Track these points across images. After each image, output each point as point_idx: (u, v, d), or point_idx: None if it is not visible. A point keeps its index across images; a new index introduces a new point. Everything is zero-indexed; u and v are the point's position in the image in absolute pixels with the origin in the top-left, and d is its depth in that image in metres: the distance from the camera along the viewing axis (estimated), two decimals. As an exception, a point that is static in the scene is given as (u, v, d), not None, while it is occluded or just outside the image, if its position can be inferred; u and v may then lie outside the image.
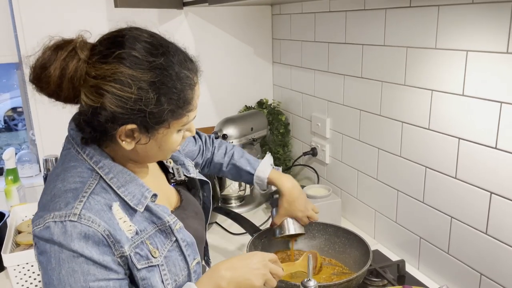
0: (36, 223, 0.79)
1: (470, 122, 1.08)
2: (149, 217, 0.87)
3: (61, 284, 0.76)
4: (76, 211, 0.77)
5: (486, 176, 1.06)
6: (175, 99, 0.80)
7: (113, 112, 0.76)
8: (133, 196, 0.85)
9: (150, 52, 0.79)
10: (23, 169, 1.96)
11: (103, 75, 0.76)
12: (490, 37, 1.00)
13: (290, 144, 2.05)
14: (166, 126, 0.82)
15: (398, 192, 1.38)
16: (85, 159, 0.84)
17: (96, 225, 0.78)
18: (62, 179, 0.82)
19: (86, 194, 0.80)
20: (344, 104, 1.59)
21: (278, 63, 2.09)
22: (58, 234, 0.76)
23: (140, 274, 0.83)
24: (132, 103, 0.76)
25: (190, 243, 0.92)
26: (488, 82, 1.02)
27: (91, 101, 0.77)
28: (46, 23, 1.69)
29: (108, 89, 0.75)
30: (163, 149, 0.87)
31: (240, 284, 0.89)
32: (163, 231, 0.88)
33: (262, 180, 1.27)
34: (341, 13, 1.53)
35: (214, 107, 2.09)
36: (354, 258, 1.28)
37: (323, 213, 1.53)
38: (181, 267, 0.89)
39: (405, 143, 1.31)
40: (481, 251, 1.11)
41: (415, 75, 1.24)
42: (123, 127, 0.79)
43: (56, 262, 0.76)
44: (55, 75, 0.77)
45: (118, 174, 0.85)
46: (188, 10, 1.94)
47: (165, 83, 0.78)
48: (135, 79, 0.76)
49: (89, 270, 0.77)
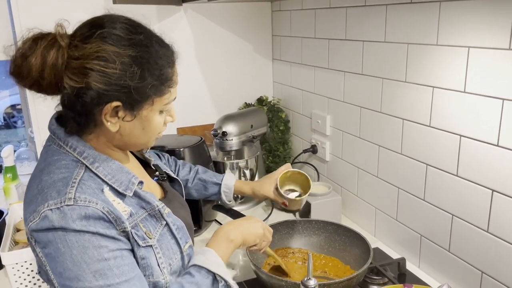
0: (30, 218, 0.78)
1: (472, 119, 1.07)
2: (138, 202, 0.88)
3: (76, 264, 0.75)
4: (71, 196, 0.77)
5: (488, 174, 1.05)
6: (156, 74, 0.82)
7: (98, 90, 0.77)
8: (120, 182, 0.85)
9: (130, 31, 0.81)
10: (22, 167, 1.96)
11: (86, 55, 0.77)
12: (492, 33, 0.99)
13: (290, 142, 2.04)
14: (150, 103, 0.83)
15: (398, 189, 1.37)
16: (69, 151, 0.84)
17: (94, 204, 0.78)
18: (47, 172, 0.82)
19: (75, 180, 0.80)
20: (345, 101, 1.58)
21: (278, 60, 2.07)
22: (58, 220, 0.75)
23: (140, 253, 0.84)
24: (116, 79, 0.77)
25: (180, 226, 0.94)
26: (490, 79, 1.01)
27: (75, 82, 0.77)
28: (44, 19, 1.68)
29: (92, 67, 0.76)
30: (147, 131, 0.87)
31: (244, 233, 1.02)
32: (153, 216, 0.89)
33: (229, 188, 1.35)
34: (342, 9, 1.52)
35: (214, 104, 2.08)
36: (355, 256, 1.28)
37: (324, 211, 1.52)
38: (174, 250, 0.91)
39: (406, 140, 1.31)
40: (482, 249, 1.10)
41: (416, 72, 1.23)
42: (109, 105, 0.79)
43: (65, 245, 0.75)
44: (37, 63, 0.77)
45: (103, 163, 0.85)
46: (187, 7, 1.93)
47: (146, 58, 0.81)
48: (118, 55, 0.78)
49: (100, 244, 0.77)
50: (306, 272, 0.93)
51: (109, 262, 0.76)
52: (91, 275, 0.75)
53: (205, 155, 1.57)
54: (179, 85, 0.99)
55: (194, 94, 2.02)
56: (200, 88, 2.04)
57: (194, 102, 2.03)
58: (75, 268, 0.75)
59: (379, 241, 1.49)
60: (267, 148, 2.03)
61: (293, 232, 1.38)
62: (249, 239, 1.04)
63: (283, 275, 1.25)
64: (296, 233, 1.38)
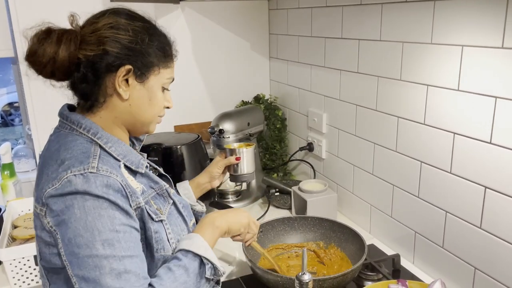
0: (49, 185, 0.81)
1: (465, 117, 1.09)
2: (148, 182, 0.95)
3: (89, 230, 0.78)
4: (94, 165, 0.82)
5: (481, 171, 1.07)
6: (161, 46, 0.92)
7: (112, 54, 0.85)
8: (131, 162, 0.92)
9: (135, 14, 0.93)
10: (20, 164, 1.96)
11: (100, 27, 0.86)
12: (485, 32, 1.00)
13: (286, 139, 2.05)
14: (156, 72, 0.92)
15: (393, 187, 1.38)
16: (82, 133, 0.89)
17: (114, 175, 0.83)
18: (64, 149, 0.86)
19: (96, 155, 0.85)
20: (341, 99, 1.59)
21: (275, 58, 2.08)
22: (82, 183, 0.79)
23: (153, 226, 0.89)
24: (128, 42, 0.87)
25: (186, 205, 1.04)
26: (483, 77, 1.03)
27: (91, 51, 0.85)
28: (42, 17, 1.68)
29: (107, 35, 0.85)
30: (152, 103, 0.93)
31: (229, 221, 1.04)
32: (161, 195, 0.97)
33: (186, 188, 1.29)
34: (338, 8, 1.53)
35: (211, 102, 2.08)
36: (350, 252, 1.29)
37: (320, 208, 1.54)
38: (181, 227, 0.99)
39: (401, 138, 1.32)
40: (475, 245, 1.11)
41: (411, 70, 1.24)
42: (122, 68, 0.86)
43: (81, 211, 0.78)
44: (52, 45, 0.84)
45: (115, 144, 0.90)
46: (185, 5, 1.94)
47: (153, 30, 0.92)
48: (128, 25, 0.88)
49: (115, 215, 0.80)
50: (300, 269, 0.94)
51: (119, 234, 0.80)
52: (100, 243, 0.78)
53: (202, 153, 1.58)
54: (176, 82, 1.02)
55: (191, 92, 2.03)
56: (197, 86, 2.04)
57: (191, 99, 2.04)
58: (86, 234, 0.78)
59: (374, 237, 1.51)
60: (264, 145, 2.04)
61: (289, 228, 1.39)
62: (234, 227, 1.05)
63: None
64: (292, 229, 1.39)
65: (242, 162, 1.34)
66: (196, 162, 1.52)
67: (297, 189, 1.61)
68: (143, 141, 1.09)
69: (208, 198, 1.51)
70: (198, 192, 1.32)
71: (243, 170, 1.35)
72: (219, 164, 1.33)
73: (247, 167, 1.36)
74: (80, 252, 0.78)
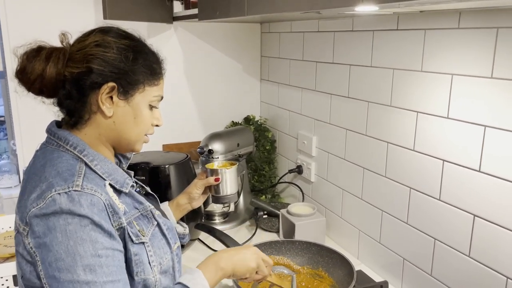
0: (33, 205, 0.80)
1: (455, 144, 1.09)
2: (132, 202, 0.93)
3: (70, 255, 0.76)
4: (78, 183, 0.81)
5: (470, 199, 1.07)
6: (148, 64, 0.92)
7: (96, 72, 0.85)
8: (116, 181, 0.91)
9: (124, 33, 0.93)
10: (2, 180, 1.92)
11: (86, 44, 0.87)
12: (475, 61, 1.02)
13: (275, 161, 2.04)
14: (141, 89, 0.91)
15: (382, 212, 1.38)
16: (69, 149, 0.88)
17: (99, 193, 0.82)
18: (50, 165, 0.85)
19: (81, 172, 0.84)
20: (331, 123, 1.59)
21: (266, 80, 2.09)
22: (66, 203, 0.78)
23: (133, 249, 0.87)
24: (112, 60, 0.87)
25: (170, 227, 1.01)
26: (472, 105, 1.04)
27: (77, 68, 0.85)
28: (32, 32, 1.67)
29: (92, 53, 0.86)
30: (137, 122, 0.93)
31: (236, 264, 0.98)
32: (145, 216, 0.95)
33: (165, 209, 1.24)
34: (330, 33, 1.55)
35: (201, 122, 2.08)
36: (338, 278, 1.27)
37: (308, 232, 1.52)
38: (164, 250, 0.95)
39: (390, 163, 1.32)
40: (464, 273, 1.10)
41: (401, 97, 1.25)
42: (105, 85, 0.86)
43: (63, 235, 0.77)
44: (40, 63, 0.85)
45: (101, 162, 0.90)
46: (177, 25, 1.95)
47: (139, 48, 0.92)
48: (114, 43, 0.88)
49: (97, 238, 0.79)
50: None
51: (101, 259, 0.78)
52: (81, 268, 0.76)
53: (190, 173, 1.56)
54: (166, 101, 1.01)
55: (181, 111, 2.02)
56: (187, 105, 2.04)
57: (181, 118, 2.03)
58: (68, 259, 0.76)
59: (362, 263, 1.49)
60: (252, 167, 2.03)
61: (276, 252, 1.37)
62: (240, 271, 0.99)
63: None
64: (280, 253, 1.37)
65: (223, 183, 1.30)
66: (184, 182, 1.50)
67: (285, 212, 1.59)
68: (130, 159, 1.08)
69: (195, 220, 1.49)
70: (178, 213, 1.27)
71: (225, 191, 1.31)
72: (198, 185, 1.29)
73: (230, 188, 1.32)
74: (61, 277, 0.76)
